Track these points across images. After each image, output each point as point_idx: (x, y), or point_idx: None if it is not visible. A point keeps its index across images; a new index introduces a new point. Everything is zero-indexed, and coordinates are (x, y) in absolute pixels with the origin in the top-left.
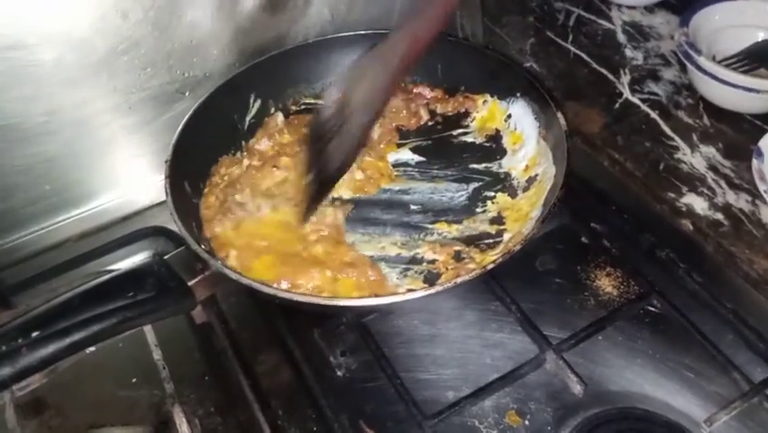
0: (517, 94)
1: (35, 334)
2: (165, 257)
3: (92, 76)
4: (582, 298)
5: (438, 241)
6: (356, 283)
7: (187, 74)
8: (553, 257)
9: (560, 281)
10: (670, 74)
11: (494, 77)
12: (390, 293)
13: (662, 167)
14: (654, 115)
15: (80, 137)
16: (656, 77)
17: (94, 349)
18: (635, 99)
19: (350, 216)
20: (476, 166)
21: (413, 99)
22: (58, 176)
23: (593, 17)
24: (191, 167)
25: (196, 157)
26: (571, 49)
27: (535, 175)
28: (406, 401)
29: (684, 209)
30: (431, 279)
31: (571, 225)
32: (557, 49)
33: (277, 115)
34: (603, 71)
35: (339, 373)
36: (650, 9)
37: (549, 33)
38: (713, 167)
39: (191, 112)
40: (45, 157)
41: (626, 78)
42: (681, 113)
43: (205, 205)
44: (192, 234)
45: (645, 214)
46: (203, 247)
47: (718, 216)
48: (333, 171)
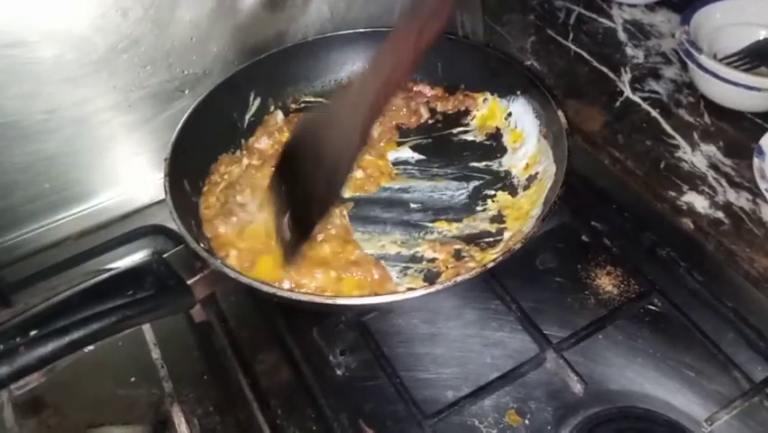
0: (518, 92)
1: (33, 332)
2: (164, 256)
3: (92, 74)
4: (583, 296)
5: (438, 239)
6: (360, 282)
7: (186, 72)
8: (554, 256)
9: (560, 280)
10: (671, 72)
11: (494, 75)
12: (390, 292)
13: (662, 165)
14: (655, 113)
15: (80, 135)
16: (657, 75)
17: (92, 348)
18: (635, 98)
19: (350, 215)
20: (476, 164)
21: (413, 97)
22: (57, 174)
23: (594, 15)
24: (190, 165)
25: (196, 155)
26: (572, 47)
27: (536, 173)
28: (406, 401)
29: (685, 208)
30: (431, 277)
31: (571, 224)
32: (558, 47)
33: (276, 113)
34: (604, 69)
35: (338, 372)
36: (651, 7)
37: (550, 32)
38: (714, 165)
39: (190, 110)
40: (45, 155)
41: (626, 77)
42: (682, 111)
43: (205, 204)
44: (191, 233)
45: (646, 212)
46: (202, 246)
47: (719, 214)
48: (315, 213)
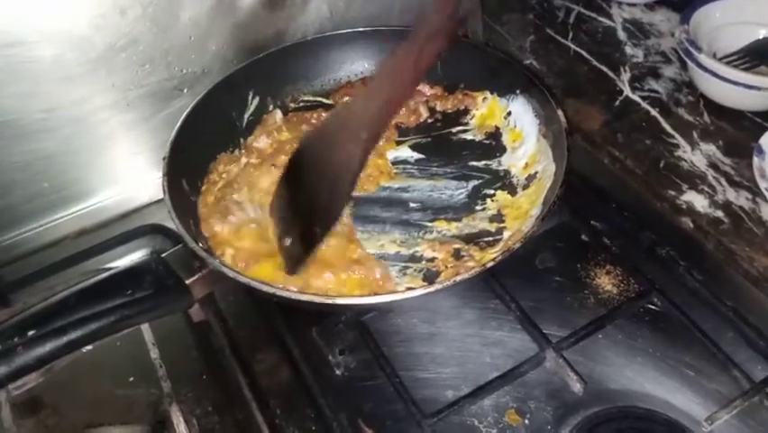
0: (517, 91)
1: (32, 332)
2: (163, 255)
3: (90, 72)
4: (582, 296)
5: (437, 239)
6: (362, 281)
7: (185, 71)
8: (553, 255)
9: (560, 279)
10: (670, 71)
11: (494, 74)
12: (389, 291)
13: (662, 164)
14: (655, 112)
15: (78, 134)
16: (657, 74)
17: (91, 348)
18: (635, 97)
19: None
20: (476, 163)
21: (412, 96)
22: (56, 173)
23: (593, 14)
24: (189, 164)
25: (194, 154)
26: (572, 46)
27: (535, 173)
28: (406, 400)
29: (684, 207)
30: (430, 277)
31: (570, 223)
32: (557, 46)
33: (275, 112)
34: (603, 69)
35: (338, 372)
36: (650, 6)
37: (549, 31)
38: (713, 164)
39: (189, 109)
40: (43, 154)
41: (626, 76)
42: (682, 110)
43: (203, 203)
44: (189, 233)
45: (646, 211)
46: (200, 245)
47: (719, 213)
48: (320, 227)
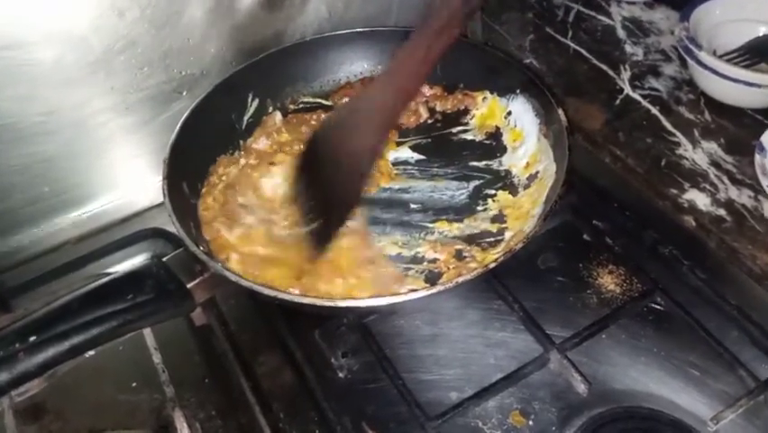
0: (517, 91)
1: (33, 338)
2: (164, 259)
3: (89, 75)
4: (585, 296)
5: (439, 240)
6: (373, 280)
7: (184, 73)
8: (555, 255)
9: (562, 279)
10: (670, 69)
11: (494, 73)
12: (391, 293)
13: (663, 163)
14: (655, 110)
15: (78, 137)
16: (657, 72)
17: (93, 353)
18: (635, 95)
19: None
20: (476, 164)
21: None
22: (55, 177)
23: (593, 13)
24: (189, 167)
25: (194, 157)
26: (571, 45)
27: (536, 172)
28: (409, 403)
29: (686, 205)
30: (432, 278)
31: (572, 223)
32: (557, 45)
33: (275, 113)
34: (603, 67)
35: (340, 375)
36: (649, 4)
37: (548, 30)
38: (715, 162)
39: (188, 111)
40: (43, 157)
41: (626, 74)
42: (683, 108)
43: (203, 206)
44: (190, 236)
45: (648, 210)
46: (201, 249)
47: (721, 211)
48: (342, 210)
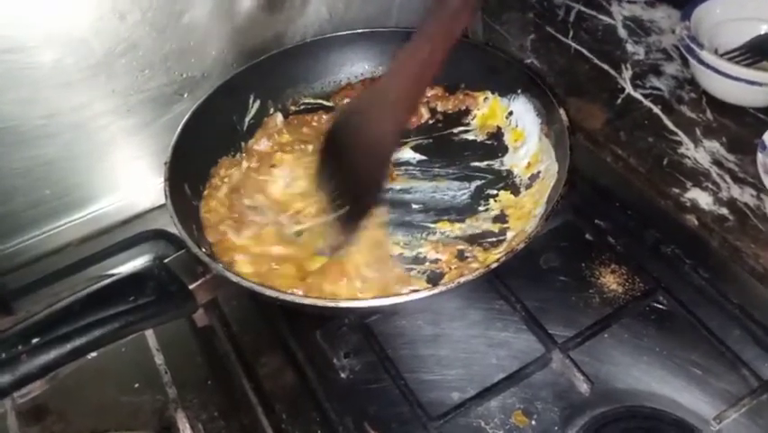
0: (518, 90)
1: (35, 340)
2: (166, 261)
3: (90, 78)
4: (587, 295)
5: (441, 240)
6: (381, 279)
7: (185, 75)
8: (557, 255)
9: (564, 279)
10: (672, 68)
11: (495, 73)
12: (393, 294)
13: (665, 162)
14: (657, 109)
15: (79, 140)
16: (658, 71)
17: (95, 354)
18: (637, 94)
19: None
20: (478, 164)
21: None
22: (57, 179)
23: (593, 12)
24: (191, 169)
25: (196, 159)
26: (572, 44)
27: (538, 172)
28: (411, 403)
29: (689, 204)
30: (434, 278)
31: (574, 222)
32: (558, 45)
33: (276, 115)
34: (604, 67)
35: (342, 375)
36: (650, 3)
37: (549, 29)
38: (717, 161)
39: (190, 113)
40: (44, 160)
41: (627, 74)
42: (684, 107)
43: (206, 208)
44: (192, 237)
45: (650, 210)
46: (203, 250)
47: (723, 210)
48: (368, 185)
